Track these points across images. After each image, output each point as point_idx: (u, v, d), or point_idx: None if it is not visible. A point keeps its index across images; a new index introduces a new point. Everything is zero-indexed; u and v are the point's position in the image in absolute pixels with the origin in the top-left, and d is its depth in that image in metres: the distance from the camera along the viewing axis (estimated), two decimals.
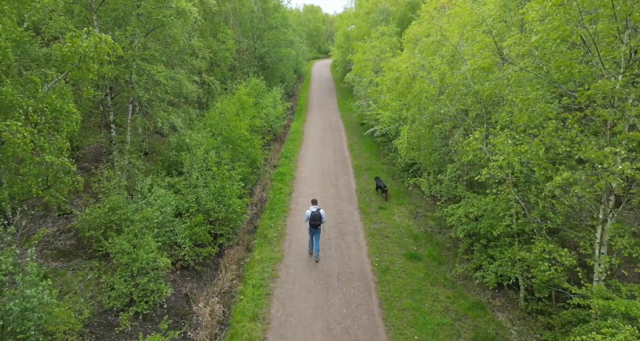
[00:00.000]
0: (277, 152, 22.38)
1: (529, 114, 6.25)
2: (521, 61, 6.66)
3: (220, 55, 21.54)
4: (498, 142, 6.59)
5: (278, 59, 31.84)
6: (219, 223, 11.64)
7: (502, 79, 7.16)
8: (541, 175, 6.39)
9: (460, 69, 8.45)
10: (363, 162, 20.69)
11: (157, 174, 13.36)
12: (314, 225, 10.88)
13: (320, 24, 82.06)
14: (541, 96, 6.32)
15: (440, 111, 8.73)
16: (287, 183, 17.64)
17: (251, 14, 30.57)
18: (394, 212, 14.84)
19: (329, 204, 15.31)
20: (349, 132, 26.82)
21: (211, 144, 14.18)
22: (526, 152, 6.20)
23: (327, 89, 43.59)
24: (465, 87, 8.41)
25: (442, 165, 11.35)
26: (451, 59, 9.12)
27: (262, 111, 23.19)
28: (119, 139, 12.88)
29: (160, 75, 11.86)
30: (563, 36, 5.68)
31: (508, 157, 6.43)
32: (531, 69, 6.47)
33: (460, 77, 8.42)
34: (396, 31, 22.63)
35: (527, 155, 6.22)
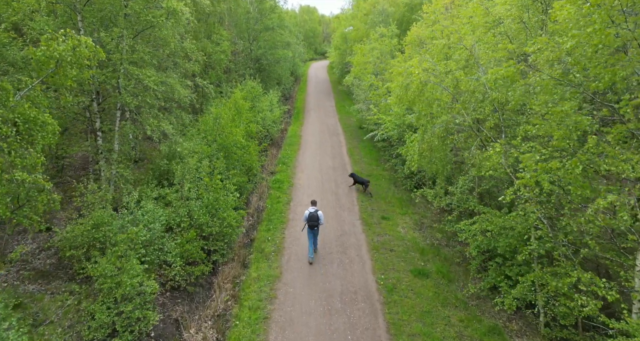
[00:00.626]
0: (274, 157, 21.62)
1: (562, 127, 5.55)
2: (549, 68, 5.98)
3: (214, 57, 20.77)
4: (525, 158, 5.89)
5: (274, 61, 31.10)
6: (212, 238, 10.87)
7: (526, 87, 6.48)
8: (577, 196, 5.70)
9: (475, 74, 7.74)
10: (363, 168, 19.97)
11: (147, 185, 12.57)
12: (311, 226, 10.98)
13: (317, 25, 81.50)
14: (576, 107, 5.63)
15: (455, 121, 8.01)
16: (285, 191, 16.88)
17: (247, 14, 29.83)
18: (398, 222, 14.13)
19: (329, 214, 14.56)
20: (348, 136, 26.12)
21: (205, 152, 13.40)
22: (558, 170, 5.50)
23: (324, 91, 42.89)
24: (482, 95, 7.71)
25: (453, 176, 10.65)
26: (465, 63, 8.43)
27: (258, 115, 22.44)
28: (105, 148, 12.08)
29: (150, 79, 11.08)
30: (605, 41, 5.00)
31: (536, 175, 5.73)
32: (561, 77, 5.79)
33: (476, 84, 7.70)
34: (396, 33, 21.97)
35: (560, 173, 5.52)
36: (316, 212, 10.88)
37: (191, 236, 9.93)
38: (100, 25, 11.40)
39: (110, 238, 8.49)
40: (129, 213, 9.29)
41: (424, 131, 8.64)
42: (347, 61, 29.69)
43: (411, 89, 8.17)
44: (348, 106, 35.46)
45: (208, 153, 13.53)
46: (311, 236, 11.22)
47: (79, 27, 11.41)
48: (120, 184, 11.74)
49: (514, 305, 7.42)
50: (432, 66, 8.14)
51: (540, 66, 6.05)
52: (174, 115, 13.20)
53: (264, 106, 23.14)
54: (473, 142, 8.16)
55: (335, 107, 35.40)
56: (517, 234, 7.51)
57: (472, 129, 7.91)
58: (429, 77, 7.97)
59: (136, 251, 8.19)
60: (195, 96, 16.63)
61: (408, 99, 8.62)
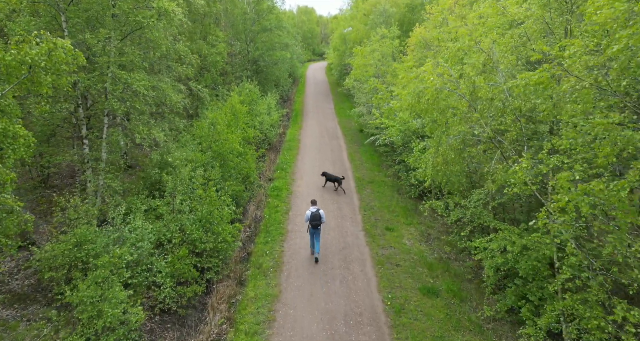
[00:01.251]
0: (272, 163, 20.88)
1: (606, 142, 4.85)
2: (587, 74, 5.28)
3: (210, 59, 20.02)
4: (561, 178, 5.18)
5: (272, 63, 30.38)
6: (206, 255, 10.12)
7: (561, 95, 5.78)
8: (627, 224, 5.00)
9: (493, 80, 7.04)
10: (365, 174, 19.27)
11: (137, 196, 11.81)
12: (314, 225, 11.05)
13: (315, 25, 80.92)
14: (624, 119, 4.93)
15: (474, 132, 7.29)
16: (284, 199, 16.14)
17: (244, 15, 29.10)
18: (403, 234, 13.42)
19: (330, 224, 13.84)
20: (348, 140, 25.42)
21: (199, 160, 12.65)
22: (601, 192, 4.81)
23: (323, 93, 42.21)
24: (502, 103, 6.99)
25: (465, 189, 9.93)
26: (482, 68, 7.72)
27: (256, 118, 21.72)
28: (92, 157, 11.31)
29: (139, 84, 10.33)
30: None
31: (574, 198, 5.03)
32: (605, 86, 5.10)
33: (495, 91, 6.99)
34: (397, 34, 21.29)
35: (602, 195, 4.82)
36: (318, 211, 11.01)
37: (182, 253, 9.17)
38: (86, 26, 10.64)
39: (94, 258, 7.73)
40: (114, 230, 8.52)
41: (439, 142, 7.94)
42: (346, 63, 28.95)
43: (425, 96, 7.44)
44: (347, 108, 34.78)
45: (202, 161, 12.78)
46: (315, 235, 11.32)
47: (63, 28, 10.66)
48: (108, 196, 10.98)
49: (541, 336, 6.70)
50: (447, 72, 7.41)
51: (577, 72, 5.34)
52: (166, 120, 12.43)
53: (262, 109, 22.41)
54: (492, 154, 7.45)
55: (334, 109, 34.71)
56: (542, 256, 6.81)
57: (492, 141, 7.19)
58: (445, 83, 7.24)
59: (119, 275, 7.43)
60: (189, 101, 15.86)
61: (421, 108, 7.89)
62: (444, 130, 7.63)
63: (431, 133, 8.78)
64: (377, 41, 21.85)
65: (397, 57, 21.44)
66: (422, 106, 7.68)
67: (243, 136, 16.23)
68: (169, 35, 11.92)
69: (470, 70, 7.46)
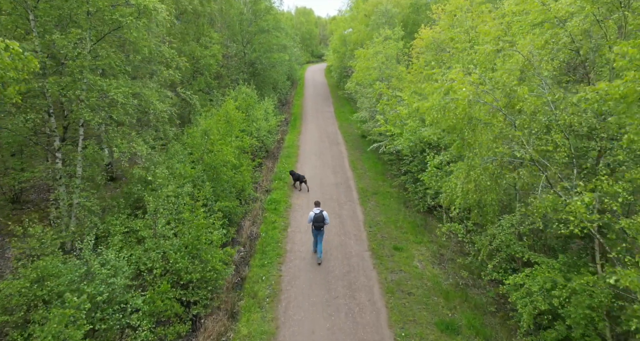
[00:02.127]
0: (269, 171, 19.64)
1: None
2: None
3: (203, 62, 18.79)
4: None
5: (270, 65, 29.17)
6: (193, 286, 8.86)
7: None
8: None
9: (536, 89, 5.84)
10: (369, 184, 18.04)
11: (117, 214, 10.57)
12: (317, 227, 10.99)
13: (313, 26, 79.85)
14: None
15: (516, 154, 6.04)
16: (282, 214, 14.89)
17: (240, 16, 27.92)
18: (413, 254, 12.18)
19: (333, 243, 12.60)
20: (350, 146, 24.21)
21: (188, 175, 11.40)
22: None
23: (322, 96, 41.03)
24: (546, 117, 5.80)
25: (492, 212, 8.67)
26: (520, 75, 6.49)
27: (252, 124, 20.49)
28: (66, 172, 10.05)
29: (117, 91, 9.08)
30: None
31: None
32: None
33: (537, 103, 5.77)
34: (402, 35, 20.11)
35: None
36: (321, 212, 10.94)
37: (164, 288, 7.91)
38: (57, 26, 9.39)
39: (58, 296, 6.46)
40: (82, 264, 7.26)
41: (470, 165, 6.71)
42: (348, 65, 27.75)
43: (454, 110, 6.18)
44: (348, 112, 33.61)
45: (192, 176, 11.52)
46: (318, 237, 11.28)
47: (32, 28, 9.42)
48: (82, 217, 9.72)
49: None
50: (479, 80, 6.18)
51: None
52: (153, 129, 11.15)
53: (259, 114, 21.17)
54: (535, 180, 6.23)
55: (334, 113, 33.53)
56: (598, 303, 5.59)
57: (535, 164, 5.97)
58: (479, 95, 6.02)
59: (79, 327, 6.15)
60: (180, 107, 14.60)
61: (448, 124, 6.68)
62: (477, 151, 6.40)
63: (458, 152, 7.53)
64: (380, 43, 20.66)
65: (402, 59, 20.25)
66: (449, 122, 6.45)
67: (238, 145, 14.98)
68: (154, 37, 10.68)
69: (506, 77, 6.23)
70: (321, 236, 11.25)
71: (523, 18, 7.35)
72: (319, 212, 10.96)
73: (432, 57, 12.34)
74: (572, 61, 6.29)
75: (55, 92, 9.13)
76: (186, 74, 19.45)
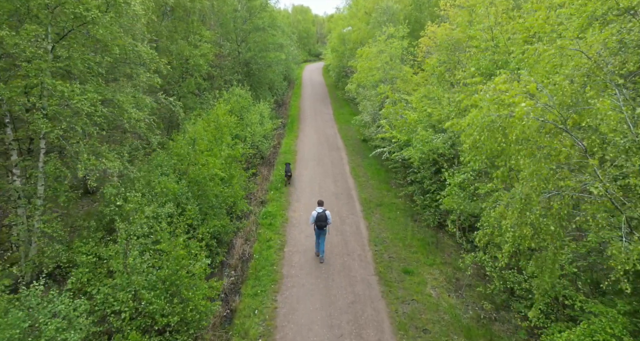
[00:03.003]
0: (265, 180, 18.24)
1: None
2: None
3: (192, 62, 17.35)
4: None
5: (266, 65, 27.73)
6: (171, 331, 7.46)
7: None
8: None
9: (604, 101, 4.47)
10: (372, 194, 16.68)
11: (88, 238, 9.16)
12: (319, 226, 10.90)
13: (310, 25, 78.34)
14: None
15: (591, 190, 4.63)
16: (278, 230, 13.50)
17: (234, 13, 26.45)
18: (425, 279, 10.83)
19: (336, 266, 11.25)
20: (350, 151, 22.83)
21: (170, 192, 9.98)
22: None
23: (320, 96, 39.61)
24: (625, 139, 4.45)
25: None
26: (585, 81, 5.14)
27: (246, 129, 19.07)
28: (25, 192, 8.62)
29: (81, 98, 7.65)
30: None
31: None
32: None
33: (614, 120, 4.41)
34: (407, 33, 18.71)
35: None
36: (324, 212, 10.87)
37: (133, 339, 6.50)
38: (7, 19, 7.95)
39: None
40: (25, 316, 5.83)
41: (524, 202, 5.30)
42: (348, 65, 26.34)
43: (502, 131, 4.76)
44: (347, 113, 32.23)
45: (175, 192, 10.10)
46: (320, 236, 11.18)
47: None
48: (43, 244, 8.31)
49: None
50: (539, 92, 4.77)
51: None
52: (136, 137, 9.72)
53: (254, 118, 19.75)
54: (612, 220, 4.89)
55: (333, 115, 32.13)
56: None
57: (612, 202, 4.59)
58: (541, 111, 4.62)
59: None
60: (163, 113, 13.19)
61: (495, 148, 5.27)
62: (533, 184, 4.97)
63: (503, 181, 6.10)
64: (383, 41, 19.27)
65: (407, 59, 18.87)
66: (497, 146, 5.06)
67: (230, 154, 13.57)
68: (129, 34, 9.24)
69: (568, 86, 4.85)
70: (323, 235, 11.14)
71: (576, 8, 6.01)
72: (322, 211, 10.84)
73: (446, 57, 10.99)
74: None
75: (10, 98, 7.69)
76: (174, 75, 18.02)
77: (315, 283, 10.49)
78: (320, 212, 10.85)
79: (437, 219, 13.38)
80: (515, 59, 8.63)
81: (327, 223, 10.88)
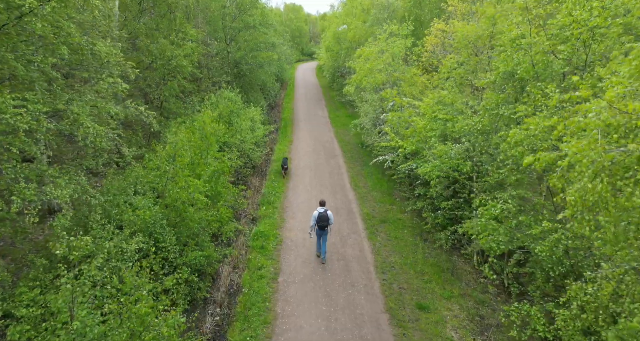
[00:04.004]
0: (256, 193, 16.57)
1: None
2: None
3: (174, 63, 15.63)
4: None
5: (257, 65, 26.02)
6: None
7: None
8: None
9: None
10: (374, 208, 15.14)
11: (34, 282, 7.44)
12: (321, 227, 10.82)
13: (303, 24, 76.66)
14: None
15: None
16: (271, 254, 11.88)
17: (222, 9, 24.70)
18: (444, 316, 9.31)
19: (339, 301, 9.67)
20: (348, 157, 21.28)
21: (141, 220, 8.29)
22: None
23: (314, 98, 38.00)
24: None
25: None
26: None
27: (236, 136, 17.39)
28: None
29: (13, 111, 5.94)
30: None
31: None
32: None
33: None
34: (411, 30, 17.09)
35: None
36: (325, 212, 10.80)
37: None
38: None
39: None
40: None
41: None
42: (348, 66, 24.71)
43: None
44: (343, 116, 30.69)
45: (148, 219, 8.40)
46: (322, 237, 11.12)
47: None
48: None
49: None
50: None
51: None
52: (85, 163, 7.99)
53: (244, 125, 18.07)
54: None
55: (328, 117, 30.56)
56: None
57: None
58: None
59: None
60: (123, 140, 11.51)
61: (622, 204, 3.66)
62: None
63: (614, 243, 4.47)
64: (384, 40, 17.71)
65: (411, 60, 17.33)
66: (626, 202, 3.52)
67: (217, 169, 11.92)
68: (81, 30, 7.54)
69: None
70: (325, 236, 11.11)
71: None
72: (324, 211, 10.78)
73: (465, 58, 9.45)
74: None
75: None
76: (154, 78, 16.27)
77: (315, 325, 8.90)
78: (322, 212, 10.73)
79: (452, 241, 11.87)
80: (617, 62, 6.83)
81: (328, 223, 10.77)
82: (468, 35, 9.51)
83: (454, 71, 9.65)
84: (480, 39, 9.23)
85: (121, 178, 10.29)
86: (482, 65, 9.37)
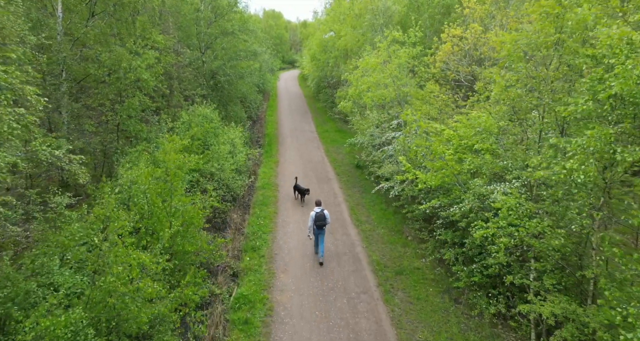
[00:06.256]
0: (237, 235, 13.45)
1: None
2: None
3: (132, 76, 12.51)
4: None
5: (237, 76, 23.07)
6: None
7: None
8: None
9: None
10: (384, 252, 12.37)
11: None
12: (318, 226, 11.08)
13: (283, 31, 74.24)
14: None
15: None
16: (258, 335, 8.84)
17: (196, 13, 21.70)
18: None
19: None
20: (344, 182, 18.55)
21: (50, 334, 5.16)
22: None
23: (299, 110, 35.25)
24: None
25: None
26: None
27: (212, 162, 14.32)
28: None
29: None
30: None
31: None
32: None
33: None
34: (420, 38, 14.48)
35: None
36: (322, 211, 11.10)
37: None
38: None
39: None
40: None
41: None
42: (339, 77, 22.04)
43: None
44: (333, 130, 28.02)
45: (61, 334, 5.28)
46: (320, 236, 11.30)
47: None
48: None
49: None
50: None
51: None
52: None
53: (223, 149, 15.02)
54: None
55: (316, 132, 27.84)
56: None
57: None
58: None
59: None
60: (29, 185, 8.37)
61: None
62: None
63: None
64: (385, 49, 15.12)
65: (420, 71, 14.76)
66: None
67: (185, 219, 8.88)
68: None
69: None
70: (322, 235, 11.33)
71: None
72: (320, 210, 11.12)
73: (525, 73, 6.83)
74: None
75: None
76: (108, 95, 13.08)
77: None
78: (318, 212, 11.08)
79: (495, 305, 9.16)
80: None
81: (325, 222, 11.10)
82: (520, 43, 6.99)
83: (509, 91, 7.10)
84: (542, 46, 6.71)
85: (40, 245, 7.12)
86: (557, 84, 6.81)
